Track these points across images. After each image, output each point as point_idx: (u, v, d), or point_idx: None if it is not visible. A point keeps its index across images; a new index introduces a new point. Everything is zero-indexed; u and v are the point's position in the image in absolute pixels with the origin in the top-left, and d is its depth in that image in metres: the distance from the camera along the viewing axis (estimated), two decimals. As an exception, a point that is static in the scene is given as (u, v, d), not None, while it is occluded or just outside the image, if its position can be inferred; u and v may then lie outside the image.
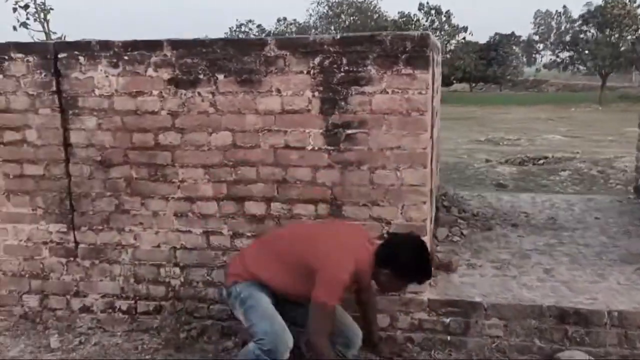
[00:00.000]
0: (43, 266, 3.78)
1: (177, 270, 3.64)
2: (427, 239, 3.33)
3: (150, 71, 3.45)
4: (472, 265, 3.93)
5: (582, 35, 45.56)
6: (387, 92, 3.22)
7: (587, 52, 43.34)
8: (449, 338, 3.39)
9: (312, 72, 3.28)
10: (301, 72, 3.30)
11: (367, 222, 3.35)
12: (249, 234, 3.51)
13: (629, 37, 42.82)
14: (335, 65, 3.26)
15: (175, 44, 3.41)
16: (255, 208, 3.48)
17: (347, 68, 3.25)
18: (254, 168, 3.45)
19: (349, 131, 3.30)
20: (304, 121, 3.34)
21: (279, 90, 3.33)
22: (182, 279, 3.64)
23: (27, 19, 8.26)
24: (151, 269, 3.66)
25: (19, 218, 3.75)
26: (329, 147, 3.34)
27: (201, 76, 3.40)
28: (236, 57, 3.35)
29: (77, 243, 3.72)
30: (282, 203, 3.45)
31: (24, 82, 3.60)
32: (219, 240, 3.56)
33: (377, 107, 3.25)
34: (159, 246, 3.63)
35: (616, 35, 42.86)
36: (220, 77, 3.38)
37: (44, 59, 3.56)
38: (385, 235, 3.22)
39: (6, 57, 3.59)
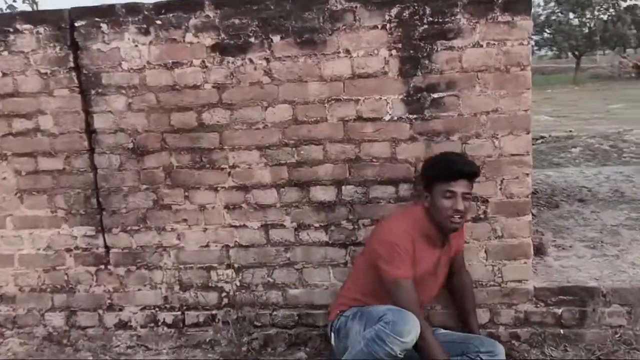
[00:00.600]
0: (68, 277, 3.19)
1: (231, 272, 3.08)
2: (529, 218, 2.84)
3: (189, 37, 2.87)
4: (561, 246, 3.46)
5: (554, 17, 45.60)
6: (481, 45, 2.70)
7: (561, 33, 43.37)
8: (561, 331, 2.89)
9: (388, 26, 2.74)
10: (375, 27, 2.75)
11: (458, 202, 2.85)
12: (316, 225, 2.97)
13: (602, 17, 42.99)
14: (416, 17, 2.72)
15: (218, 2, 2.84)
16: (322, 194, 2.94)
17: (430, 19, 2.71)
18: (320, 146, 2.90)
19: (435, 95, 2.78)
20: (380, 86, 2.80)
21: (347, 51, 2.79)
22: (237, 283, 3.08)
23: (14, 1, 7.53)
24: (200, 272, 3.10)
25: (36, 222, 3.15)
26: (411, 116, 2.82)
27: (252, 39, 2.84)
28: (294, 13, 2.79)
29: (107, 248, 3.14)
30: (356, 186, 2.91)
31: (34, 59, 2.99)
32: (281, 234, 3.01)
33: (468, 64, 2.72)
34: (207, 245, 3.07)
35: (589, 16, 42.98)
36: (276, 39, 2.82)
37: (57, 29, 2.96)
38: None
39: (11, 30, 2.98)
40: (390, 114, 2.82)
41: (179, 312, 3.15)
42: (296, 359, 2.95)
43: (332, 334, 2.68)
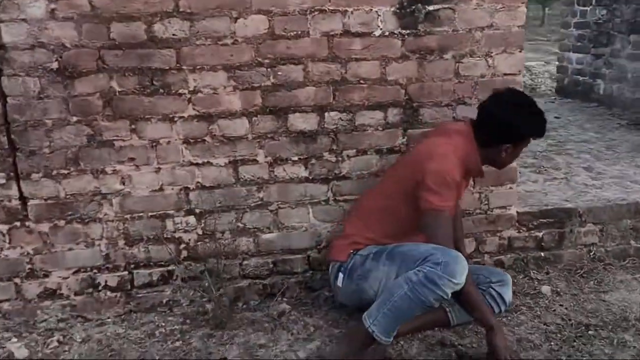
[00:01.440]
0: (-32, 242, 2.46)
1: (192, 219, 2.58)
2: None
3: None
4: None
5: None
6: (480, -48, 2.47)
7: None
8: (542, 254, 2.89)
9: None
10: None
11: (447, 127, 2.64)
12: (294, 159, 2.58)
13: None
14: None
15: None
16: (302, 122, 2.55)
17: None
18: (300, 66, 2.48)
19: (431, 7, 2.50)
20: (370, -4, 2.45)
21: (335, -48, 2.38)
22: (199, 231, 2.60)
23: None
24: (151, 222, 2.55)
25: None
26: (404, 31, 2.51)
27: None
28: None
29: (24, 199, 2.44)
30: (340, 112, 2.56)
31: None
32: (253, 170, 2.57)
33: (466, -28, 2.49)
34: (161, 189, 2.53)
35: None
36: None
37: None
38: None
39: None
40: (381, 29, 2.49)
41: (126, 272, 2.59)
42: (279, 311, 2.59)
43: (341, 274, 2.37)
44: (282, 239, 2.67)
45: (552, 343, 2.34)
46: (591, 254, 2.92)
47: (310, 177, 2.61)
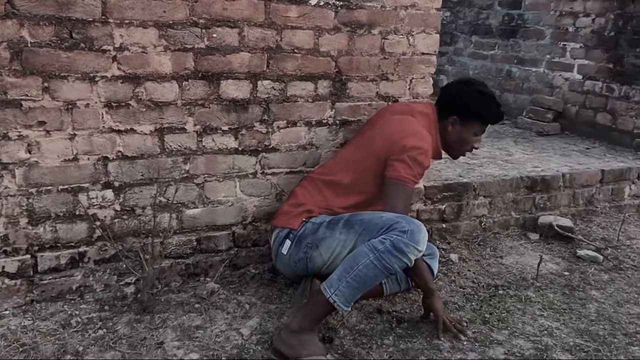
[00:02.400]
0: None
1: (110, 193, 2.30)
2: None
3: None
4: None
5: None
6: None
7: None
8: (444, 225, 3.10)
9: None
10: None
11: (373, 102, 2.70)
12: (224, 128, 2.43)
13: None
14: None
15: None
16: (235, 89, 2.41)
17: None
18: (236, 30, 2.35)
19: (363, -19, 2.54)
20: (309, -37, 2.40)
21: None
22: (117, 207, 2.32)
23: None
24: (62, 197, 2.22)
25: None
26: (337, 3, 2.51)
27: None
28: None
29: None
30: (274, 81, 2.47)
31: None
32: (180, 140, 2.36)
33: (396, -49, 2.56)
34: (76, 159, 2.21)
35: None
36: None
37: None
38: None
39: None
40: (317, -3, 2.46)
41: (28, 256, 2.21)
42: (207, 290, 2.42)
43: (288, 241, 2.29)
44: (207, 215, 2.50)
45: (473, 303, 2.54)
46: (482, 224, 3.22)
47: (240, 149, 2.48)
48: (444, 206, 3.08)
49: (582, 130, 4.64)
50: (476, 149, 2.53)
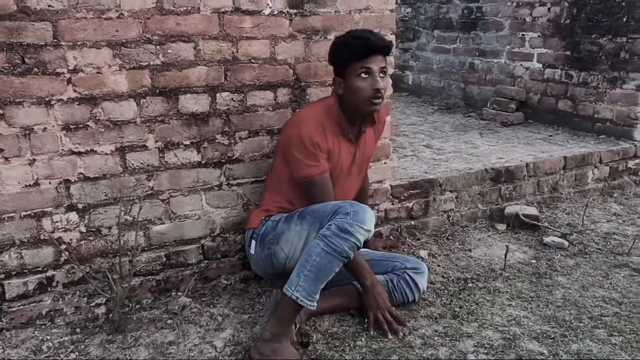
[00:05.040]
0: None
1: (74, 216, 2.29)
2: (389, 118, 2.93)
3: None
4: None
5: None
6: (358, -62, 2.59)
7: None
8: (412, 223, 3.14)
9: None
10: None
11: (333, 106, 2.73)
12: (186, 143, 2.44)
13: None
14: None
15: None
16: (194, 103, 2.41)
17: None
18: (191, 44, 2.35)
19: (315, -12, 2.56)
20: (259, -27, 2.42)
21: None
22: (82, 229, 2.32)
23: None
24: (25, 223, 2.20)
25: None
26: (291, 11, 2.53)
27: None
28: None
29: None
30: (232, 92, 2.48)
31: None
32: (142, 157, 2.36)
33: (346, -43, 2.59)
34: (37, 184, 2.20)
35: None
36: None
37: None
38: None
39: None
40: (270, 7, 2.47)
41: (-6, 284, 2.21)
42: (179, 305, 2.43)
43: (254, 241, 2.36)
44: (174, 230, 2.50)
45: (443, 298, 2.58)
46: (450, 218, 3.27)
47: (203, 162, 2.49)
48: (412, 204, 3.12)
49: (545, 118, 4.73)
50: (377, 89, 2.23)
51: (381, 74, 2.27)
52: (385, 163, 2.98)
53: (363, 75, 2.24)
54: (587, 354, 2.17)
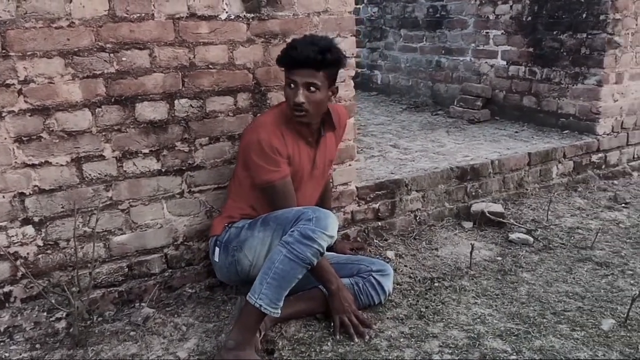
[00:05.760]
0: None
1: (30, 229, 2.24)
2: (352, 120, 2.92)
3: None
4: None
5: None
6: (314, -59, 2.58)
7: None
8: (379, 224, 3.14)
9: None
10: None
11: (295, 110, 2.71)
12: (145, 151, 2.40)
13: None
14: None
15: None
16: (152, 111, 2.38)
17: None
18: (146, 51, 2.32)
19: (272, -8, 2.54)
20: (214, -22, 2.39)
21: None
22: (39, 242, 2.26)
23: None
24: (-21, 239, 2.16)
25: None
26: (249, 15, 2.50)
27: None
28: None
29: None
30: (191, 98, 2.45)
31: None
32: (99, 167, 2.32)
33: (302, -41, 2.57)
34: (-10, 198, 2.15)
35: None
36: None
37: None
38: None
39: None
40: (227, 12, 2.45)
41: (-52, 303, 2.15)
42: (142, 316, 2.39)
43: (217, 249, 2.35)
44: (136, 240, 2.47)
45: (409, 299, 2.58)
46: (417, 218, 3.28)
47: (163, 170, 2.46)
48: (378, 204, 3.12)
49: (511, 114, 4.78)
50: (296, 104, 2.22)
51: (311, 88, 2.23)
52: (350, 165, 2.98)
53: (290, 85, 2.25)
54: (550, 349, 2.19)
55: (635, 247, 3.12)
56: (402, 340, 2.27)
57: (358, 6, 6.33)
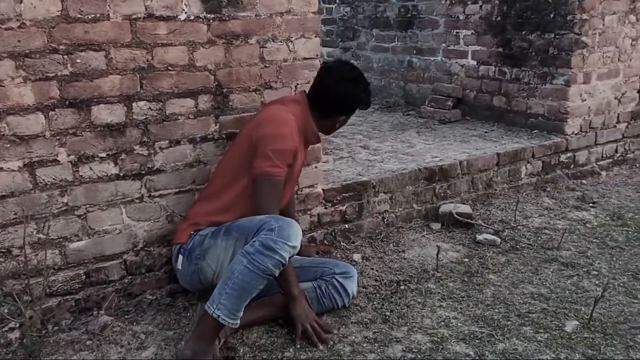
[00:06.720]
0: None
1: (-19, 237, 2.17)
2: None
3: None
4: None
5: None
6: (275, -60, 2.54)
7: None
8: (347, 226, 3.11)
9: None
10: None
11: (254, 112, 2.67)
12: (102, 155, 2.33)
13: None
14: None
15: None
16: (108, 114, 2.31)
17: None
18: (101, 52, 2.25)
19: (233, -8, 2.49)
20: (172, -23, 2.33)
21: None
22: (-9, 250, 2.20)
23: None
24: None
25: None
26: (209, 16, 2.45)
27: None
28: None
29: None
30: (150, 101, 2.39)
31: None
32: (53, 172, 2.25)
33: (263, -41, 2.53)
34: (-64, 205, 2.07)
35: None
36: None
37: None
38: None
39: None
40: (186, 12, 2.39)
41: None
42: (100, 325, 2.33)
43: (181, 256, 2.30)
44: (93, 246, 2.40)
45: (374, 302, 2.56)
46: (385, 220, 3.26)
47: (121, 174, 2.40)
48: (345, 207, 3.09)
49: (481, 114, 4.78)
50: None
51: None
52: (316, 167, 2.94)
53: (346, 118, 2.54)
54: (513, 352, 2.18)
55: (601, 247, 3.14)
56: (365, 345, 2.24)
57: (330, 6, 6.30)
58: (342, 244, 3.05)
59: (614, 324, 2.38)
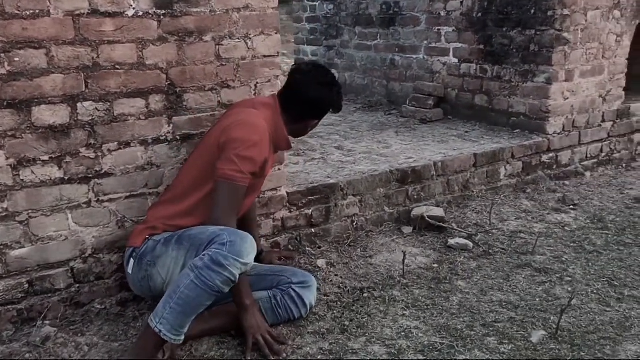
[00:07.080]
0: None
1: None
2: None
3: None
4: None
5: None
6: None
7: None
8: (313, 230, 3.00)
9: None
10: None
11: (215, 112, 2.55)
12: (45, 158, 2.22)
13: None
14: None
15: None
16: (51, 115, 2.20)
17: None
18: (42, 50, 2.14)
19: (184, -13, 2.38)
20: (118, -29, 2.22)
21: None
22: None
23: None
24: None
25: None
26: (159, 12, 2.34)
27: None
28: None
29: None
30: (96, 101, 2.28)
31: None
32: (-8, 176, 2.15)
33: (218, -48, 2.41)
34: None
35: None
36: None
37: None
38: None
39: None
40: (134, 8, 2.28)
41: None
42: (41, 336, 2.21)
43: (132, 260, 2.19)
44: (37, 254, 2.28)
45: (335, 311, 2.45)
46: (354, 224, 3.15)
47: (66, 178, 2.28)
48: (311, 210, 2.98)
49: (463, 113, 4.66)
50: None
51: None
52: (280, 169, 2.83)
53: (318, 120, 2.47)
54: (473, 366, 2.07)
55: (577, 251, 3.03)
56: (319, 357, 2.13)
57: (314, 3, 6.19)
58: (307, 249, 2.94)
59: (583, 334, 2.27)
